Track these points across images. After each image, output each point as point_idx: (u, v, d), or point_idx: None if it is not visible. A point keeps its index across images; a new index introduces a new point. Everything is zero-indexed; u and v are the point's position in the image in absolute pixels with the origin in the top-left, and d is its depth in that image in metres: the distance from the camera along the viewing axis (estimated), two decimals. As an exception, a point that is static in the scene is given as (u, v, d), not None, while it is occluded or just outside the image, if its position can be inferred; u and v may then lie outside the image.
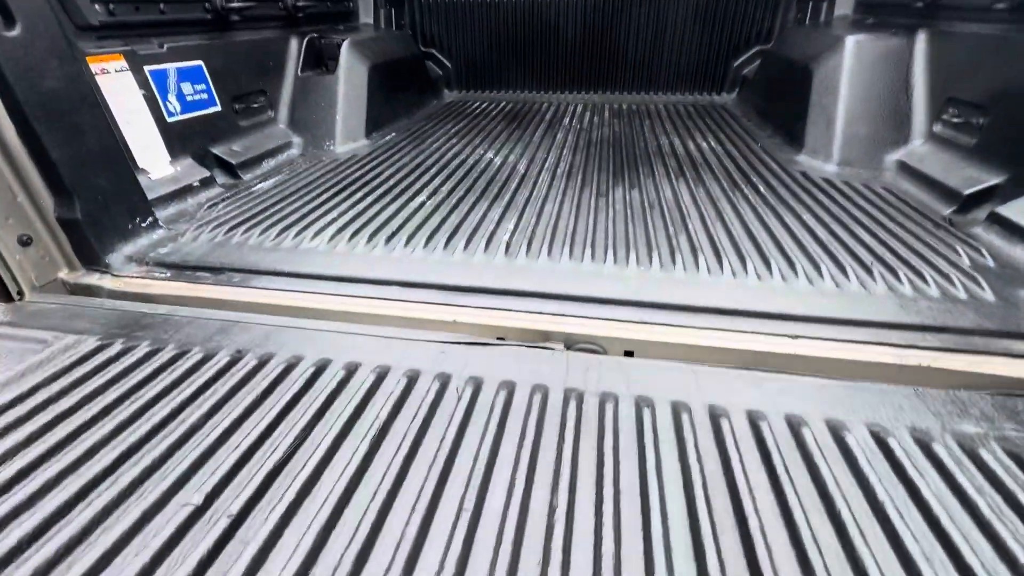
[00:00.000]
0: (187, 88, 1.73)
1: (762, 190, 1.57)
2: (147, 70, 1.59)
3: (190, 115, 1.73)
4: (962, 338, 0.93)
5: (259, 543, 0.60)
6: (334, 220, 1.43)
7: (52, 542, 0.61)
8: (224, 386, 0.86)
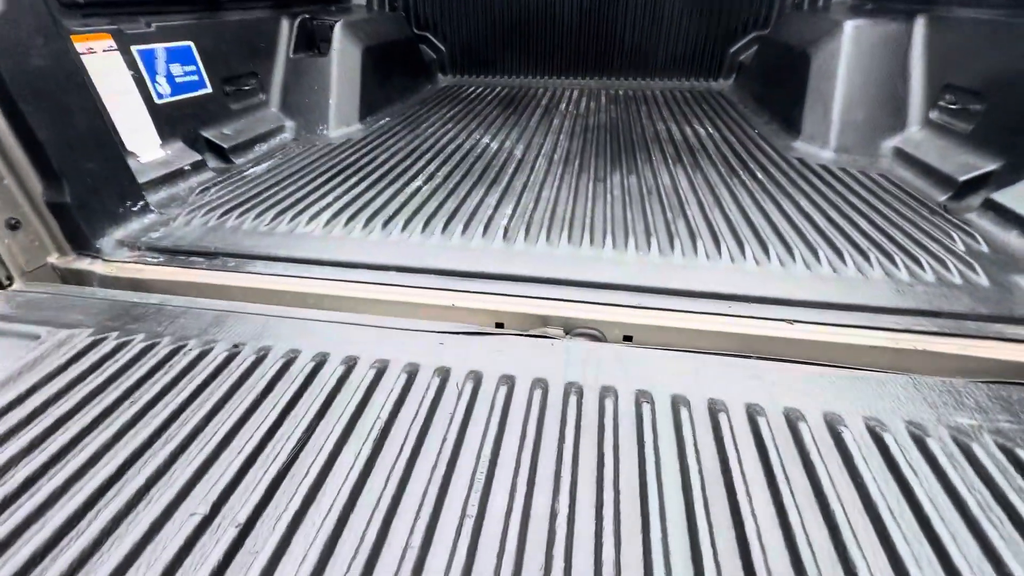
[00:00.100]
0: (176, 69, 1.69)
1: (759, 176, 1.57)
2: (135, 50, 1.55)
3: (180, 97, 1.70)
4: (956, 322, 0.94)
5: (268, 553, 0.59)
6: (330, 205, 1.41)
7: (65, 555, 0.59)
8: (223, 385, 0.84)
